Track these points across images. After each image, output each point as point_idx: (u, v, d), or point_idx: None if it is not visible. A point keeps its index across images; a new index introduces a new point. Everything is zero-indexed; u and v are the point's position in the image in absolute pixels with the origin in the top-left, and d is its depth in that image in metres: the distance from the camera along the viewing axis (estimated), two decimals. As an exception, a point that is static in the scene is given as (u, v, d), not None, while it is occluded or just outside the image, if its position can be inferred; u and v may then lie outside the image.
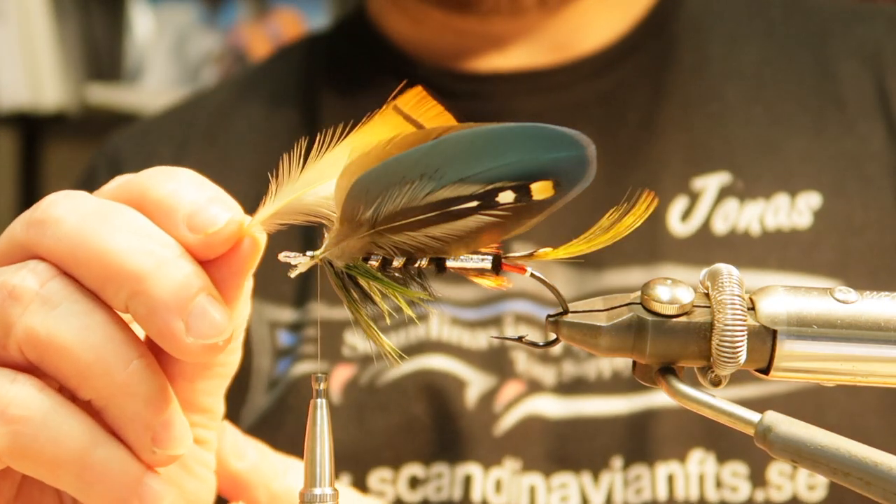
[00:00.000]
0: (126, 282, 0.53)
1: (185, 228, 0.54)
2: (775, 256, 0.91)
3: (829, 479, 0.49)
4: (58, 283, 0.54)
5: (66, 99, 2.32)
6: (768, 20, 1.02)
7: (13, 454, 0.54)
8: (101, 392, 0.54)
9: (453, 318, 0.92)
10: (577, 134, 0.50)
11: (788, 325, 0.50)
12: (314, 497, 0.54)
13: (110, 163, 1.06)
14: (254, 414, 0.92)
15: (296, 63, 1.08)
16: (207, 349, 0.53)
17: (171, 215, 0.54)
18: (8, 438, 0.53)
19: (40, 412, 0.53)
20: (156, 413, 0.54)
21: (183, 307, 0.52)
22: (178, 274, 0.53)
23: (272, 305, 0.94)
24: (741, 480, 0.86)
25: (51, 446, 0.53)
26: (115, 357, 0.53)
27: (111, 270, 0.53)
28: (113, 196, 0.56)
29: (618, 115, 0.97)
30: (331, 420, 0.55)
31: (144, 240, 0.53)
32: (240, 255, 0.55)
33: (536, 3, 0.97)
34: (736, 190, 0.93)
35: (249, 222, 0.54)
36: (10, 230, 0.56)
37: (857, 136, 0.95)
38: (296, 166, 0.53)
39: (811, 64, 0.99)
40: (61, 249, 0.54)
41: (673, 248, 0.92)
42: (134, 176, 0.56)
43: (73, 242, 0.53)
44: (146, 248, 0.53)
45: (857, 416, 0.87)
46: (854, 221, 0.92)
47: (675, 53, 0.99)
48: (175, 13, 2.34)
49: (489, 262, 0.52)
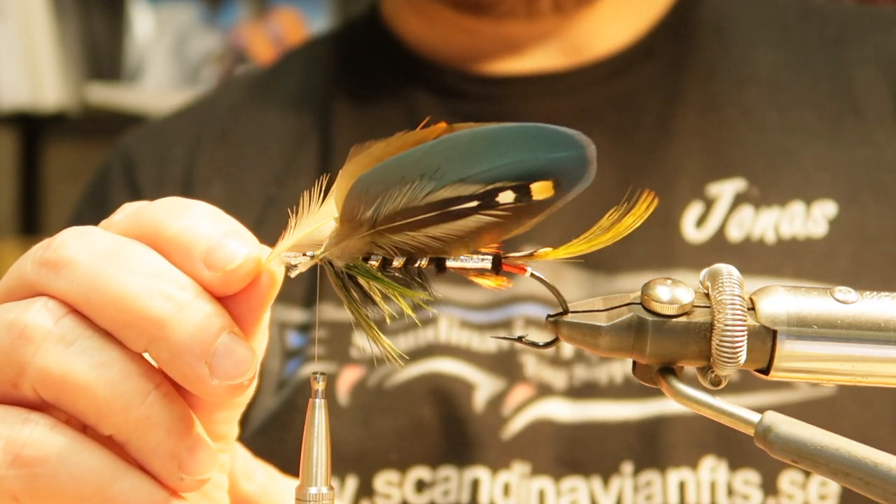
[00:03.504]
0: (144, 328, 0.52)
1: (202, 266, 0.53)
2: (790, 265, 0.91)
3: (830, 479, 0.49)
4: (70, 321, 0.53)
5: (67, 99, 2.32)
6: (784, 25, 1.01)
7: (33, 496, 0.53)
8: (121, 427, 0.53)
9: (462, 320, 0.91)
10: (576, 134, 0.50)
11: (788, 326, 0.50)
12: (310, 496, 0.54)
13: (124, 163, 1.06)
14: (263, 415, 0.92)
15: (307, 64, 1.08)
16: (233, 389, 0.52)
17: (187, 253, 0.53)
18: (26, 481, 0.52)
19: (56, 451, 0.52)
20: (179, 440, 0.53)
21: (206, 350, 0.52)
22: (198, 316, 0.52)
23: (281, 306, 0.94)
24: (753, 489, 0.85)
25: (71, 484, 0.52)
26: (133, 391, 0.52)
27: (128, 316, 0.52)
28: (125, 230, 0.54)
29: (632, 118, 0.97)
30: (329, 420, 0.55)
31: (161, 282, 0.52)
32: (259, 290, 0.54)
33: (552, 7, 0.97)
34: (751, 197, 0.93)
35: (267, 256, 0.54)
36: (20, 268, 0.54)
37: (874, 144, 0.95)
38: (314, 198, 0.52)
39: (827, 70, 0.98)
40: (74, 293, 0.53)
41: (687, 255, 0.91)
42: (145, 206, 0.55)
43: (87, 286, 0.52)
44: (164, 292, 0.52)
45: (869, 426, 0.87)
46: (869, 231, 0.92)
47: (690, 57, 0.99)
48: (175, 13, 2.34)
49: (489, 262, 0.52)
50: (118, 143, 1.10)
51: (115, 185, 1.05)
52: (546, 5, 0.97)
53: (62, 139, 2.51)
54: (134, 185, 1.04)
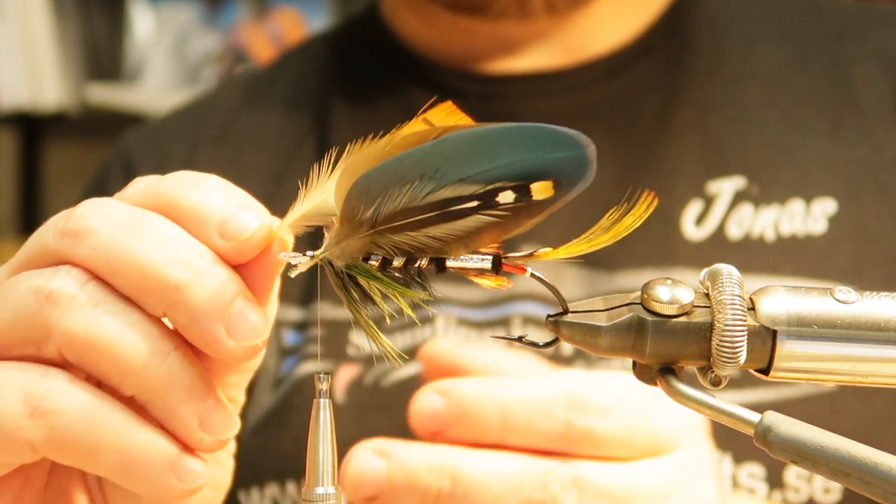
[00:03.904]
0: (164, 293, 0.55)
1: (216, 236, 0.55)
2: (789, 263, 0.90)
3: (830, 479, 0.49)
4: (94, 286, 0.55)
5: (66, 99, 2.32)
6: (784, 23, 1.01)
7: (52, 446, 0.55)
8: (143, 386, 0.55)
9: (460, 318, 0.91)
10: (576, 134, 0.50)
11: (788, 326, 0.50)
12: (317, 496, 0.54)
13: (123, 163, 1.06)
14: (260, 412, 0.92)
15: (306, 64, 1.08)
16: (248, 350, 0.55)
17: (202, 224, 0.56)
18: (44, 431, 0.55)
19: (74, 403, 0.55)
20: (200, 399, 0.55)
21: (222, 313, 0.54)
22: (215, 282, 0.55)
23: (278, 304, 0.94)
24: (758, 482, 0.85)
25: (88, 435, 0.55)
26: (154, 351, 0.55)
27: (149, 282, 0.55)
28: (141, 202, 0.57)
29: (631, 116, 0.97)
30: (334, 420, 0.55)
31: (179, 250, 0.55)
32: (270, 258, 0.56)
33: (545, 8, 0.97)
34: (751, 195, 0.93)
35: (278, 226, 0.55)
36: (42, 237, 0.57)
37: (874, 142, 0.94)
38: (324, 169, 0.54)
39: (827, 67, 0.98)
40: (96, 260, 0.55)
41: (687, 252, 0.91)
42: (160, 180, 0.58)
43: (109, 254, 0.55)
44: (182, 259, 0.55)
45: (869, 422, 0.87)
46: (869, 228, 0.92)
47: (689, 55, 0.99)
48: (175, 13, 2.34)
49: (489, 262, 0.52)
50: (118, 142, 1.10)
51: (115, 184, 1.05)
52: (538, 6, 0.97)
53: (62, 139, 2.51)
54: None
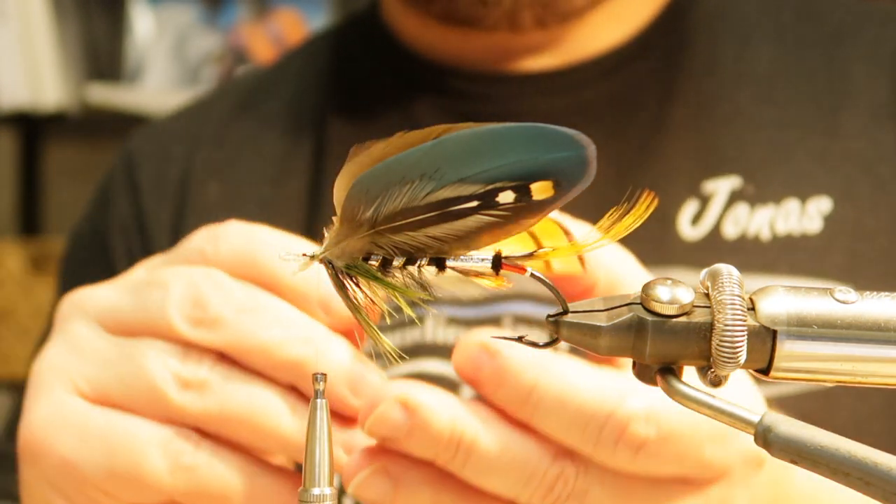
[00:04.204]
0: (291, 369, 0.64)
1: (321, 312, 0.66)
2: (785, 262, 0.90)
3: (830, 479, 0.49)
4: (222, 368, 0.65)
5: (66, 99, 2.32)
6: (780, 22, 1.01)
7: (188, 495, 0.65)
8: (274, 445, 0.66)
9: (450, 317, 0.91)
10: (576, 134, 0.50)
11: (788, 326, 0.50)
12: (313, 497, 0.54)
13: (126, 162, 1.07)
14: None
15: (305, 64, 1.08)
16: (371, 410, 0.64)
17: (307, 300, 0.65)
18: (184, 484, 0.65)
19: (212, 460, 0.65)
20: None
21: (345, 378, 0.64)
22: (334, 355, 0.64)
23: None
24: None
25: (218, 485, 0.65)
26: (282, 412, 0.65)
27: (275, 361, 0.64)
28: (245, 275, 0.66)
29: (627, 116, 0.97)
30: (331, 420, 0.55)
31: (297, 329, 0.65)
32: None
33: (534, 22, 0.96)
34: (746, 195, 0.93)
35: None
36: (169, 312, 0.65)
37: (870, 139, 0.94)
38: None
39: (823, 66, 0.98)
40: (225, 345, 0.65)
41: (683, 252, 0.91)
42: (252, 245, 0.67)
43: (237, 341, 0.65)
44: (301, 337, 0.64)
45: (864, 418, 0.87)
46: (865, 226, 0.92)
47: (685, 55, 0.99)
48: (175, 13, 2.34)
49: (489, 262, 0.52)
50: (125, 142, 1.11)
51: (118, 184, 1.06)
52: (528, 20, 0.96)
53: (62, 139, 2.51)
54: (134, 184, 1.04)
